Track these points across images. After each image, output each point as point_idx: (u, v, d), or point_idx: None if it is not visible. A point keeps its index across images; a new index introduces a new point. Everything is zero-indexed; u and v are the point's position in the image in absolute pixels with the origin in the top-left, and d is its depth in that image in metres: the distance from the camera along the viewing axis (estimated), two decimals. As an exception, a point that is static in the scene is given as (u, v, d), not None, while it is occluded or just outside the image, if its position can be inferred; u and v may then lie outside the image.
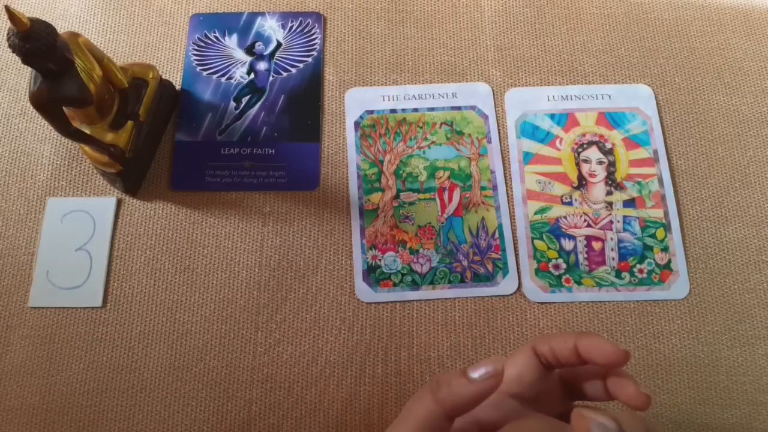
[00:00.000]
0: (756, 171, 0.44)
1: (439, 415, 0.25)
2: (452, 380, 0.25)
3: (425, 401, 0.25)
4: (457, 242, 0.42)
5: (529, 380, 0.28)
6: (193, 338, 0.40)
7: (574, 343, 0.27)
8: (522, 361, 0.28)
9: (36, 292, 0.41)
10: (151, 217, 0.43)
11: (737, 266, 0.42)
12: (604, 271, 0.41)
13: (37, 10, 0.48)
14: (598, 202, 0.43)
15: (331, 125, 0.45)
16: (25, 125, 0.45)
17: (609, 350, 0.26)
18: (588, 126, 0.45)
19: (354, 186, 0.44)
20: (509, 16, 0.48)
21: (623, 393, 0.26)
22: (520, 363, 0.28)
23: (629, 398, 0.26)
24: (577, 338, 0.27)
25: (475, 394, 0.25)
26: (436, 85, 0.46)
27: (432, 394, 0.25)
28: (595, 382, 0.28)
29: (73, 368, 0.39)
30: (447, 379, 0.25)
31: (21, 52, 0.32)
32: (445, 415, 0.25)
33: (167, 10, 0.48)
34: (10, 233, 0.42)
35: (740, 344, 0.40)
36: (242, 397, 0.39)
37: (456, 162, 0.44)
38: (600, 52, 0.47)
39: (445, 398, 0.25)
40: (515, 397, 0.28)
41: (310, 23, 0.48)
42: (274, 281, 0.41)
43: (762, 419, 0.38)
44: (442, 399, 0.25)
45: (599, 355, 0.26)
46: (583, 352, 0.26)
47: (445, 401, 0.25)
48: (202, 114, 0.45)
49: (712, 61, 0.47)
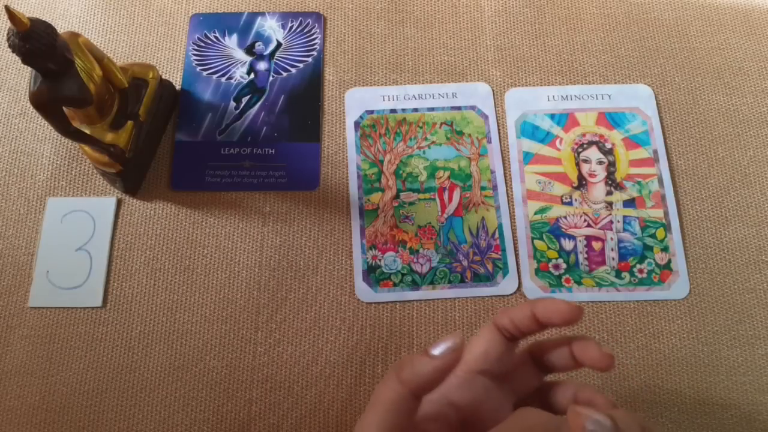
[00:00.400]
0: (756, 171, 0.44)
1: (406, 395, 0.26)
2: (414, 359, 0.26)
3: (391, 383, 0.26)
4: (457, 242, 0.42)
5: (495, 355, 0.28)
6: (193, 338, 0.40)
7: (531, 309, 0.28)
8: (486, 337, 0.29)
9: (36, 292, 0.41)
10: (151, 217, 0.43)
11: (737, 266, 0.42)
12: (604, 271, 0.41)
13: (37, 10, 0.48)
14: (598, 202, 0.43)
15: (331, 125, 0.45)
16: (25, 125, 0.45)
17: (563, 308, 0.27)
18: (588, 126, 0.45)
19: (354, 186, 0.44)
20: (509, 16, 0.48)
21: (587, 356, 0.27)
22: (484, 339, 0.29)
23: (593, 360, 0.27)
24: (533, 305, 0.28)
25: (437, 369, 0.26)
26: (436, 85, 0.46)
27: (396, 376, 0.26)
28: (561, 351, 0.29)
29: (73, 368, 0.39)
30: (409, 359, 0.26)
31: (21, 52, 0.32)
32: (412, 394, 0.26)
33: (167, 10, 0.48)
34: (10, 233, 0.42)
35: (740, 344, 0.40)
36: (242, 397, 0.39)
37: (456, 162, 0.44)
38: (600, 52, 0.47)
39: (409, 377, 0.26)
40: (485, 375, 0.29)
41: (310, 23, 0.48)
42: (274, 281, 0.41)
43: (762, 419, 0.38)
44: (406, 378, 0.26)
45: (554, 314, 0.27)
46: (540, 316, 0.27)
47: (409, 380, 0.26)
48: (202, 114, 0.45)
49: (712, 61, 0.47)
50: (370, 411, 0.26)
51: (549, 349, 0.29)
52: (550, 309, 0.27)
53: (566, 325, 0.27)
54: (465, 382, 0.29)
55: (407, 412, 0.26)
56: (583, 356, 0.28)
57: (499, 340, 0.29)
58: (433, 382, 0.26)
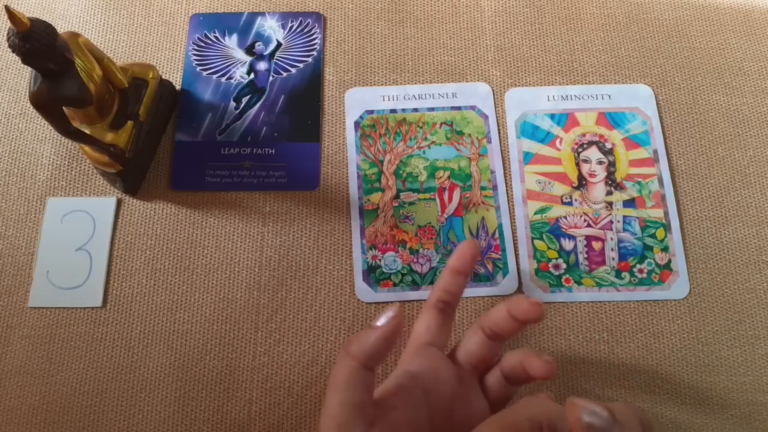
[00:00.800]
0: (756, 171, 0.44)
1: (357, 368, 0.28)
2: (360, 334, 0.29)
3: (342, 361, 0.28)
4: (457, 242, 0.42)
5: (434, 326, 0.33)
6: (193, 338, 0.40)
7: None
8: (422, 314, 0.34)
9: (36, 292, 0.41)
10: (151, 217, 0.43)
11: (737, 266, 0.42)
12: (604, 271, 0.41)
13: (37, 10, 0.48)
14: (598, 202, 0.43)
15: (331, 125, 0.45)
16: (25, 125, 0.45)
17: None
18: (588, 126, 0.45)
19: (354, 186, 0.44)
20: (509, 16, 0.49)
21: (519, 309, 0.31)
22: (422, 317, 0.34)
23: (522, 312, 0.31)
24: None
25: (382, 338, 0.28)
26: (436, 85, 0.46)
27: (346, 353, 0.28)
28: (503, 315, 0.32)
29: (73, 368, 0.39)
30: (356, 335, 0.29)
31: (21, 52, 0.32)
32: (363, 367, 0.28)
33: (167, 10, 0.48)
34: (10, 233, 0.42)
35: (740, 344, 0.40)
36: (242, 397, 0.39)
37: (456, 162, 0.44)
38: (600, 52, 0.47)
39: (357, 350, 0.28)
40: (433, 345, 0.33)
41: (310, 23, 0.48)
42: (274, 281, 0.41)
43: (762, 419, 0.38)
44: (355, 352, 0.28)
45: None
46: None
47: (357, 353, 0.28)
48: (202, 114, 0.45)
49: (712, 61, 0.47)
50: (329, 392, 0.28)
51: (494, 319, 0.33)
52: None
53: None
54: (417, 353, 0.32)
55: (364, 385, 0.28)
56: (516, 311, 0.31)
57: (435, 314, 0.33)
58: (381, 352, 0.28)
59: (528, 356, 0.31)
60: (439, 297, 0.34)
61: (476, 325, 0.34)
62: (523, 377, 0.31)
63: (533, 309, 0.31)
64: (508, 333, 0.32)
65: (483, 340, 0.33)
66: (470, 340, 0.34)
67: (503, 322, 0.32)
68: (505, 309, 0.32)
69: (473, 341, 0.33)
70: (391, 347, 0.29)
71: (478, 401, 0.32)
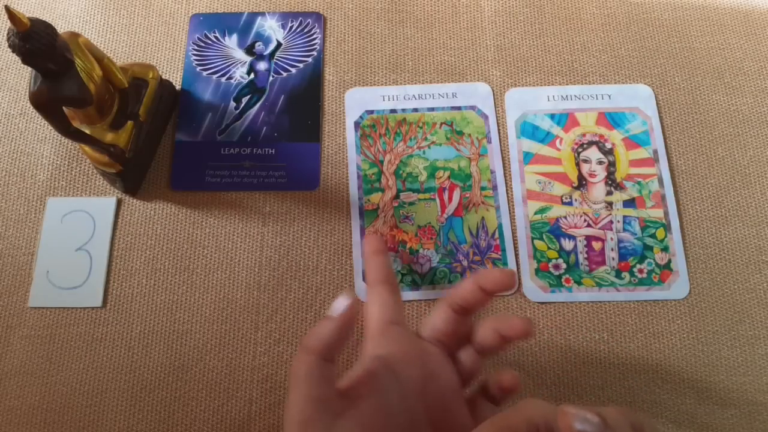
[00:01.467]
0: (756, 171, 0.44)
1: (316, 361, 0.27)
2: (316, 327, 0.28)
3: (301, 356, 0.28)
4: (457, 242, 0.42)
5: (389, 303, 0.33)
6: (193, 338, 0.40)
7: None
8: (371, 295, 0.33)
9: (36, 292, 0.41)
10: (151, 217, 0.43)
11: (737, 266, 0.42)
12: (604, 271, 0.41)
13: (37, 10, 0.48)
14: (598, 202, 0.43)
15: (331, 125, 0.45)
16: (25, 125, 0.45)
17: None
18: (588, 126, 0.45)
19: (354, 186, 0.44)
20: (509, 16, 0.49)
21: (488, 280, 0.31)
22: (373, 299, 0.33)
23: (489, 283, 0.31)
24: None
25: (337, 328, 0.28)
26: (436, 85, 0.46)
27: (303, 348, 0.28)
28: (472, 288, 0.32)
29: (73, 368, 0.39)
30: (312, 329, 0.28)
31: (21, 52, 0.32)
32: (322, 358, 0.28)
33: (167, 10, 0.48)
34: (10, 233, 0.42)
35: (740, 344, 0.40)
36: (242, 397, 0.39)
37: (456, 162, 0.44)
38: (600, 52, 0.47)
39: (314, 343, 0.28)
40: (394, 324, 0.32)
41: (310, 23, 0.48)
42: (274, 281, 0.41)
43: (762, 419, 0.38)
44: (312, 345, 0.28)
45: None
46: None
47: (315, 345, 0.28)
48: (202, 114, 0.45)
49: (712, 61, 0.47)
50: (290, 389, 0.27)
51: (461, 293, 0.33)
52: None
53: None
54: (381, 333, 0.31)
55: (324, 378, 0.27)
56: (484, 282, 0.31)
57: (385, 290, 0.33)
58: (337, 342, 0.28)
59: (502, 320, 0.31)
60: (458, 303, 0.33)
61: (442, 301, 0.34)
62: (497, 344, 0.32)
63: (503, 277, 0.31)
64: (476, 306, 0.32)
65: (450, 315, 0.33)
66: (437, 316, 0.33)
67: (470, 295, 0.32)
68: (473, 281, 0.32)
69: (440, 318, 0.33)
70: (347, 336, 0.29)
71: (449, 376, 0.31)
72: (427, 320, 0.34)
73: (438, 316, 0.33)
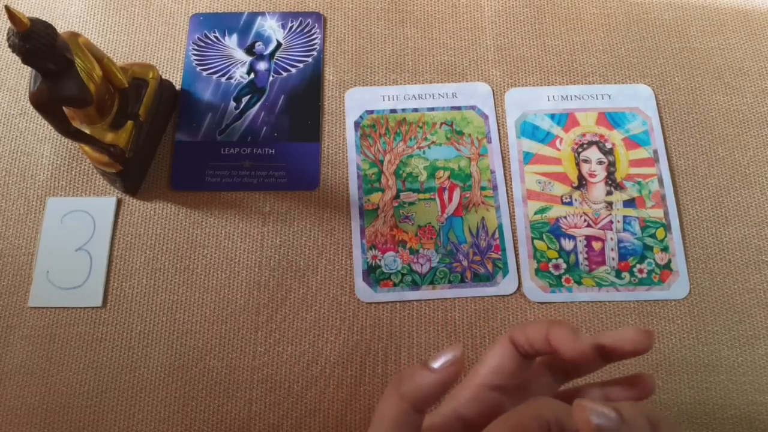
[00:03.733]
0: (756, 171, 0.44)
1: (407, 410, 0.25)
2: (414, 373, 0.25)
3: (392, 399, 0.25)
4: (457, 242, 0.42)
5: (508, 370, 0.27)
6: (193, 338, 0.40)
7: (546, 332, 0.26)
8: (500, 351, 0.28)
9: (36, 292, 0.41)
10: (151, 217, 0.43)
11: (737, 266, 0.42)
12: (604, 271, 0.41)
13: (37, 10, 0.48)
14: (598, 202, 0.43)
15: (331, 125, 0.45)
16: (25, 125, 0.45)
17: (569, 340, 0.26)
18: (588, 126, 0.45)
19: (354, 186, 0.44)
20: (509, 16, 0.49)
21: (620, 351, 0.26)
22: (498, 354, 0.28)
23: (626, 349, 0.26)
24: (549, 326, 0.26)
25: (438, 383, 0.25)
26: (436, 85, 0.46)
27: (396, 391, 0.25)
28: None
29: (73, 368, 0.39)
30: (409, 373, 0.25)
31: (21, 52, 0.32)
32: (414, 408, 0.25)
33: (167, 10, 0.48)
34: (10, 233, 0.42)
35: (740, 344, 0.40)
36: (242, 397, 0.39)
37: (456, 162, 0.44)
38: (600, 52, 0.47)
39: (409, 392, 0.25)
40: (496, 389, 0.28)
41: (310, 23, 0.48)
42: (274, 281, 0.41)
43: (762, 419, 0.38)
44: (406, 393, 0.25)
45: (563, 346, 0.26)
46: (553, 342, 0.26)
47: (409, 395, 0.25)
48: (202, 114, 0.45)
49: (712, 61, 0.47)
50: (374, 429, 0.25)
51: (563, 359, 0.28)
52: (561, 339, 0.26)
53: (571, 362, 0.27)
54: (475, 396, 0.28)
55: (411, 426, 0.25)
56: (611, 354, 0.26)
57: (513, 356, 0.28)
58: (435, 396, 0.25)
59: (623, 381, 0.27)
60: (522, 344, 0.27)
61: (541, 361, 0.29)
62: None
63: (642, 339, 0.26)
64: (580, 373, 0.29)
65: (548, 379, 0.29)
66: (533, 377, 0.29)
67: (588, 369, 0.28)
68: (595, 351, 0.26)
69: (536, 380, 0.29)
70: (446, 392, 0.26)
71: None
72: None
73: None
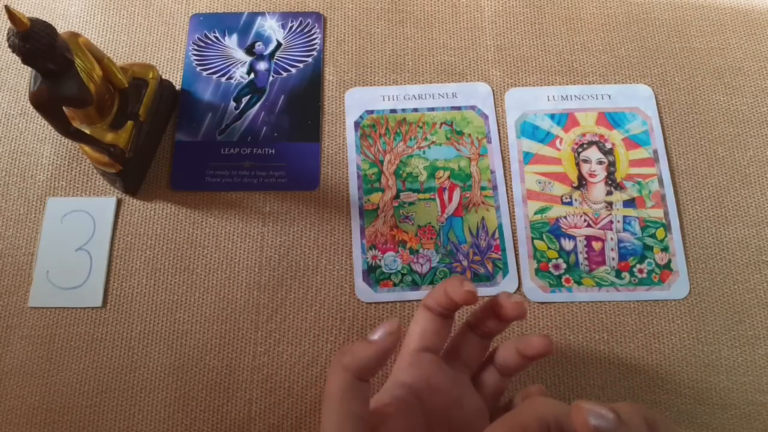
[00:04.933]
0: (756, 171, 0.44)
1: (351, 379, 0.27)
2: (354, 346, 0.28)
3: (336, 373, 0.28)
4: (457, 242, 0.42)
5: (431, 331, 0.32)
6: (193, 338, 0.40)
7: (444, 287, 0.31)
8: (420, 318, 0.32)
9: (36, 292, 0.41)
10: (151, 217, 0.43)
11: (737, 266, 0.42)
12: (604, 271, 0.41)
13: (37, 10, 0.48)
14: (598, 202, 0.43)
15: (331, 125, 0.45)
16: (25, 125, 0.45)
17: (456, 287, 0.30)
18: (588, 126, 0.45)
19: (354, 186, 0.44)
20: (509, 16, 0.49)
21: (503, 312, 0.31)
22: (419, 320, 0.32)
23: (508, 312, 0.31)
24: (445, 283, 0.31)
25: (377, 353, 0.28)
26: (436, 85, 0.46)
27: (339, 364, 0.28)
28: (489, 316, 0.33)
29: (73, 368, 0.39)
30: (351, 347, 0.28)
31: (21, 52, 0.32)
32: (357, 377, 0.28)
33: (167, 10, 0.48)
34: (10, 233, 0.42)
35: (740, 344, 0.40)
36: (242, 397, 0.39)
37: (456, 162, 0.44)
38: (600, 52, 0.47)
39: (351, 363, 0.28)
40: (428, 350, 0.32)
41: (310, 23, 0.48)
42: (274, 281, 0.41)
43: (762, 419, 0.38)
44: (348, 364, 0.28)
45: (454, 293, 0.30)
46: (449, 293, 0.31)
47: (351, 365, 0.28)
48: (202, 114, 0.45)
49: (712, 61, 0.47)
50: (326, 405, 0.27)
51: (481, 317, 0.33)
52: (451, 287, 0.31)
53: (464, 304, 0.31)
54: (412, 362, 0.31)
55: (359, 396, 0.27)
56: (500, 312, 0.31)
57: (431, 317, 0.32)
58: (375, 365, 0.28)
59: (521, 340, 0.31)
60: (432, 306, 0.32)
61: (465, 324, 0.34)
62: (519, 364, 0.32)
63: (516, 309, 0.31)
64: (498, 331, 0.33)
65: (474, 339, 0.33)
66: (461, 340, 0.34)
67: (492, 323, 0.33)
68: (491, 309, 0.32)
69: (464, 341, 0.34)
70: (384, 362, 0.29)
71: (473, 401, 0.32)
72: (453, 345, 0.34)
73: (463, 341, 0.34)
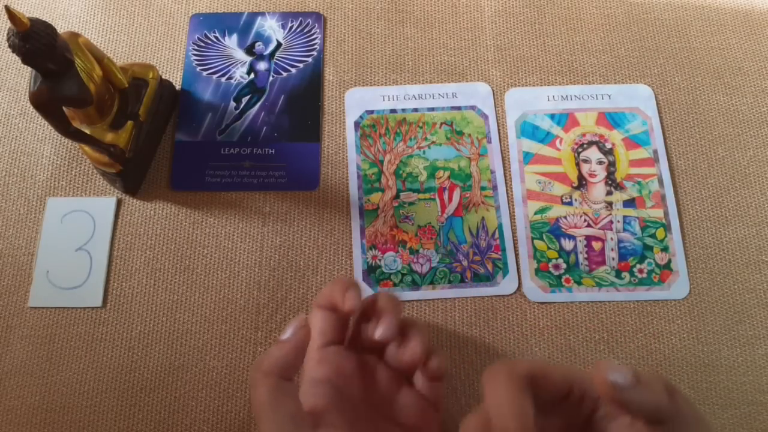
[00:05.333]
0: (756, 171, 0.44)
1: (277, 382, 0.28)
2: (269, 351, 0.29)
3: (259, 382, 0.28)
4: (457, 242, 0.42)
5: (330, 327, 0.33)
6: (193, 338, 0.40)
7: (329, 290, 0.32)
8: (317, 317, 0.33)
9: (36, 292, 0.41)
10: (151, 217, 0.43)
11: (737, 266, 0.42)
12: (604, 271, 0.41)
13: (37, 10, 0.48)
14: (598, 202, 0.43)
15: (331, 125, 0.45)
16: (25, 125, 0.45)
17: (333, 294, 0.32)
18: (588, 126, 0.45)
19: (354, 186, 0.44)
20: (509, 16, 0.48)
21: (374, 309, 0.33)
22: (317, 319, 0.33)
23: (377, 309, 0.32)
24: (330, 285, 0.33)
25: (292, 350, 0.29)
26: (436, 85, 0.46)
27: (259, 372, 0.28)
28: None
29: (73, 368, 0.39)
30: (263, 356, 0.29)
31: (21, 52, 0.32)
32: (280, 379, 0.28)
33: (167, 10, 0.48)
34: (10, 233, 0.42)
35: (740, 344, 0.40)
36: (242, 397, 0.39)
37: (456, 162, 0.44)
38: (600, 52, 0.47)
39: (272, 365, 0.28)
40: (332, 344, 0.33)
41: (310, 23, 0.48)
42: (274, 281, 0.41)
43: (762, 419, 0.38)
44: (269, 367, 0.28)
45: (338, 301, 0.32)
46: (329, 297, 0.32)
47: (273, 368, 0.28)
48: (202, 114, 0.45)
49: (712, 61, 0.47)
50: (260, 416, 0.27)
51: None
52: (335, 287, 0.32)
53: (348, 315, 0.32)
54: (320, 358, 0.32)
55: (289, 395, 0.28)
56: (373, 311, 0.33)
57: (327, 315, 0.33)
58: (294, 362, 0.29)
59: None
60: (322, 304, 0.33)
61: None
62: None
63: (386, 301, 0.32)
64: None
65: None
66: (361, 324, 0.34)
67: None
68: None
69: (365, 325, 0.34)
70: (302, 356, 0.30)
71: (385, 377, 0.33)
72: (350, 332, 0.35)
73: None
